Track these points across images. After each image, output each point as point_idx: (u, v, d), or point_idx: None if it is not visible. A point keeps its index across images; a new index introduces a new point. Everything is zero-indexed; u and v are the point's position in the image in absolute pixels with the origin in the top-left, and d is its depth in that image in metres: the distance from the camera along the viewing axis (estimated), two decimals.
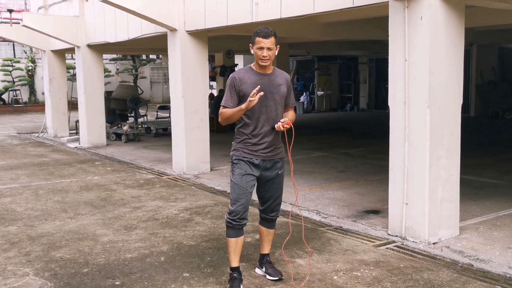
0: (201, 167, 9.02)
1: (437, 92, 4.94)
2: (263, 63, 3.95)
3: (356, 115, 21.11)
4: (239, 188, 3.95)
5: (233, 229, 3.99)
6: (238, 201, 3.95)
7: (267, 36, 3.90)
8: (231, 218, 3.96)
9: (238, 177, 3.97)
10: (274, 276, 4.23)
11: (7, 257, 4.87)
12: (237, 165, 4.00)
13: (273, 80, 4.05)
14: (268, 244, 4.33)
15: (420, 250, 4.89)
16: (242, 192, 3.95)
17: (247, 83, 3.94)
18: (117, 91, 14.70)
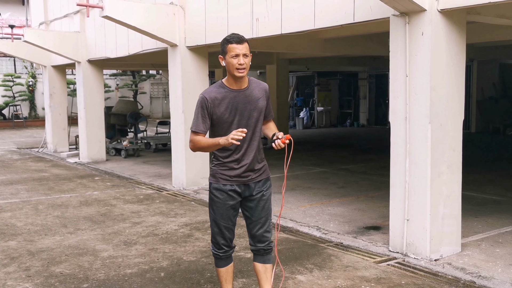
0: (200, 182, 9.00)
1: (438, 108, 4.95)
2: (240, 73, 3.43)
3: (356, 131, 21.13)
4: (220, 225, 3.64)
5: (221, 259, 3.73)
6: (222, 235, 3.67)
7: (240, 41, 3.42)
8: (218, 251, 3.70)
9: (219, 213, 3.63)
10: None
11: (7, 272, 4.84)
12: (216, 199, 3.64)
13: (250, 95, 3.55)
14: (267, 283, 3.79)
15: (422, 267, 4.85)
16: (225, 226, 3.65)
17: (220, 104, 3.47)
18: (117, 107, 14.73)
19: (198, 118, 3.50)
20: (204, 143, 3.49)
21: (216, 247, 3.72)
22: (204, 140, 3.50)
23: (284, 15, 6.61)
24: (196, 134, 3.51)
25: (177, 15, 8.53)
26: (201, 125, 3.49)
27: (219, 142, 3.38)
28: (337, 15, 5.84)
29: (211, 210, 3.69)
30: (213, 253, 3.76)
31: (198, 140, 3.50)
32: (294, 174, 9.71)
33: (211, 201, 3.69)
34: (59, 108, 14.95)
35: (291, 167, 3.85)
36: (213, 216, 3.67)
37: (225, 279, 3.76)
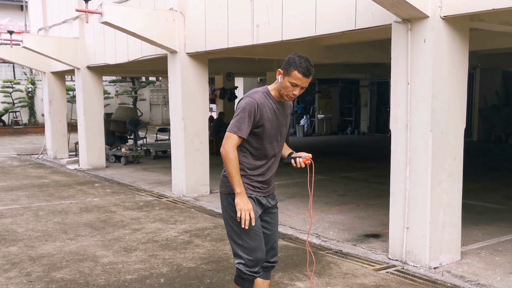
0: (200, 189, 9.00)
1: (440, 116, 4.95)
2: (288, 99, 3.30)
3: (357, 138, 21.15)
4: (255, 233, 3.31)
5: (250, 280, 3.38)
6: (258, 249, 3.32)
7: (308, 74, 3.21)
8: (252, 270, 3.32)
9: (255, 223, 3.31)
10: None
11: (8, 277, 4.84)
12: None
13: (285, 109, 3.42)
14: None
15: (421, 275, 4.85)
16: (258, 237, 3.33)
17: (266, 112, 3.28)
18: (117, 113, 14.75)
19: (244, 121, 3.21)
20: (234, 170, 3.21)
21: (252, 267, 3.32)
22: (237, 169, 3.23)
23: (285, 22, 6.61)
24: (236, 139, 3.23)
25: (177, 21, 8.55)
26: (245, 129, 3.22)
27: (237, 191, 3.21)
28: (338, 22, 5.83)
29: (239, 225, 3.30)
30: (243, 273, 3.33)
31: (234, 159, 3.22)
32: (294, 181, 9.71)
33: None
34: (59, 114, 14.96)
35: (290, 175, 3.86)
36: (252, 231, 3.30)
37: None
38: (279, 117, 3.36)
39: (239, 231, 3.31)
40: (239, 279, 3.38)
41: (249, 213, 3.19)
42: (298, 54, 3.26)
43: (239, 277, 3.38)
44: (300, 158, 3.40)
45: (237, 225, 3.30)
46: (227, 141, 3.23)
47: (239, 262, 3.34)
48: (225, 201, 3.40)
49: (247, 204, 3.20)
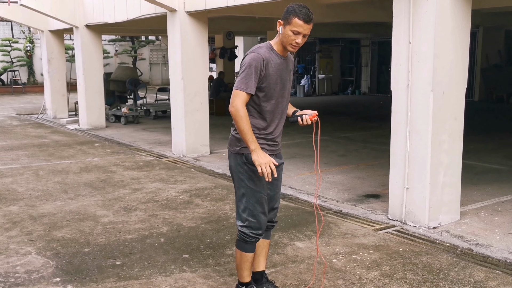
0: (200, 150, 9.00)
1: (441, 76, 4.89)
2: (292, 49, 3.22)
3: (358, 99, 21.05)
4: (261, 196, 3.26)
5: (253, 244, 3.35)
6: (263, 212, 3.29)
7: (308, 20, 3.15)
8: (256, 233, 3.28)
9: (261, 185, 3.26)
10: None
11: (9, 236, 4.88)
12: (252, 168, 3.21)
13: (288, 64, 3.36)
14: (265, 259, 3.61)
15: (420, 235, 4.89)
16: (264, 200, 3.30)
17: (271, 67, 3.20)
18: (116, 73, 14.62)
19: (251, 77, 3.13)
20: (246, 127, 3.09)
21: (256, 229, 3.29)
22: (249, 125, 3.11)
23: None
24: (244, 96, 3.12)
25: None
26: (253, 86, 3.13)
27: (252, 148, 3.09)
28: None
29: (251, 184, 3.25)
30: (247, 236, 3.29)
31: (244, 116, 3.10)
32: (294, 142, 9.70)
33: (250, 174, 3.24)
34: (58, 74, 14.84)
35: (290, 135, 3.82)
36: (252, 191, 3.26)
37: (250, 265, 3.42)
38: (283, 72, 3.29)
39: (245, 193, 3.27)
40: (242, 243, 3.34)
41: (269, 165, 3.07)
42: (296, 3, 3.20)
43: (242, 241, 3.33)
44: (306, 115, 3.32)
45: (244, 186, 3.27)
46: (235, 99, 3.12)
47: (243, 225, 3.30)
48: (233, 161, 3.32)
49: (265, 157, 3.09)
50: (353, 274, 3.99)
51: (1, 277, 3.94)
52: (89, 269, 4.08)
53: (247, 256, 3.35)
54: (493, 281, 3.85)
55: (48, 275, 3.98)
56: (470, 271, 4.05)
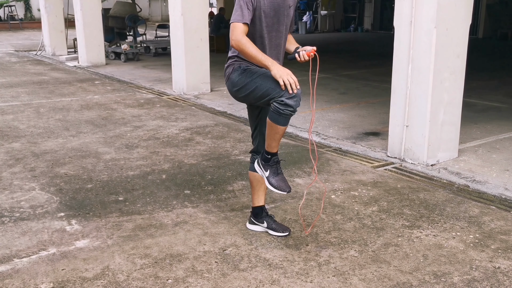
0: (201, 87, 8.97)
1: (445, 12, 4.79)
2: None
3: (360, 36, 20.72)
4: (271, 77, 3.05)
5: (285, 117, 3.10)
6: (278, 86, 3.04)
7: None
8: (294, 101, 3.04)
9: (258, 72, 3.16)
10: (281, 231, 3.60)
11: (13, 172, 4.95)
12: (252, 66, 3.20)
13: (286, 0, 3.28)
14: (264, 193, 3.65)
15: (418, 172, 4.95)
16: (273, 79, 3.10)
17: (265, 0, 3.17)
18: (115, 9, 14.33)
19: (244, 8, 3.09)
20: (253, 50, 3.03)
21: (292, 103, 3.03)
22: (253, 46, 3.04)
23: None
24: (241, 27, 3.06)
25: None
26: (247, 15, 3.07)
27: (268, 64, 2.99)
28: None
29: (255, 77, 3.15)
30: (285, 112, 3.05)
31: (247, 42, 3.04)
32: None
33: (248, 72, 3.19)
34: (55, 9, 14.56)
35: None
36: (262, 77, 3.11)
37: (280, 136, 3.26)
38: (279, 5, 3.22)
39: (262, 84, 3.11)
40: (275, 114, 3.08)
41: (290, 76, 2.98)
42: None
43: (275, 112, 3.07)
44: (303, 51, 3.24)
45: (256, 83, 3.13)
46: (233, 31, 3.08)
47: (281, 96, 3.03)
48: (232, 79, 3.26)
49: (283, 70, 3.00)
50: (351, 209, 4.08)
51: (6, 211, 4.04)
52: (92, 205, 4.17)
53: (280, 129, 3.16)
54: (487, 216, 3.94)
55: (53, 210, 4.07)
56: (466, 206, 4.13)
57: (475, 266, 3.19)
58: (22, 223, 3.83)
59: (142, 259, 3.28)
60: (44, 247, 3.45)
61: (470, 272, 3.13)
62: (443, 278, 3.06)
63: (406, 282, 3.02)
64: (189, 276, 3.08)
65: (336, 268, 3.18)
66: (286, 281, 3.02)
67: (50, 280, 3.04)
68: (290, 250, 3.40)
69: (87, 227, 3.76)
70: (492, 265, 3.21)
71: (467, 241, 3.54)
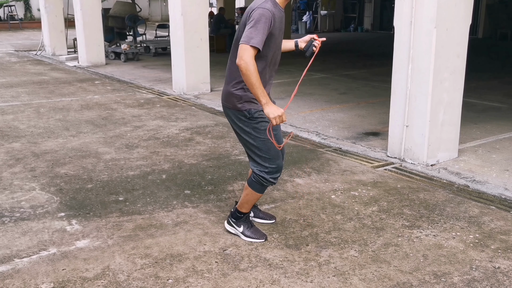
0: (201, 87, 8.97)
1: (445, 12, 4.79)
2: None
3: (360, 36, 20.73)
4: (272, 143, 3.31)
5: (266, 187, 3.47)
6: (278, 156, 3.39)
7: None
8: (275, 176, 3.39)
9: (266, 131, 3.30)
10: (267, 219, 3.85)
11: (13, 172, 4.95)
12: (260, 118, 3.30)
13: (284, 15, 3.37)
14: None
15: (418, 172, 4.95)
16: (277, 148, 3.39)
17: (276, 23, 3.21)
18: (115, 9, 14.33)
19: (261, 32, 3.08)
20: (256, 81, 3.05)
21: (275, 173, 3.39)
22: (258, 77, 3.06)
23: None
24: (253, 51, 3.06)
25: None
26: (261, 40, 3.08)
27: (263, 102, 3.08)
28: None
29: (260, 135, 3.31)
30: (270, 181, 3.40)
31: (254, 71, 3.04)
32: (295, 79, 9.65)
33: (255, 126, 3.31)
34: (55, 9, 14.57)
35: (291, 73, 3.80)
36: (263, 141, 3.32)
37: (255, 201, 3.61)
38: (282, 24, 3.31)
39: (258, 145, 3.33)
40: (257, 185, 3.42)
41: (282, 117, 3.11)
42: None
43: (258, 183, 3.41)
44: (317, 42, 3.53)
45: (254, 139, 3.32)
46: (244, 53, 3.05)
47: (263, 171, 3.37)
48: (234, 117, 3.37)
49: (277, 110, 3.10)
50: (351, 209, 4.08)
51: (6, 212, 4.04)
52: (92, 205, 4.18)
53: (258, 196, 3.52)
54: (487, 216, 3.94)
55: (53, 210, 4.07)
56: (466, 206, 4.14)
57: (475, 266, 3.20)
58: (23, 223, 3.83)
59: (143, 259, 3.29)
60: (44, 247, 3.45)
61: (470, 272, 3.14)
62: (443, 278, 3.07)
63: (406, 282, 3.02)
64: (190, 276, 3.08)
65: (336, 268, 3.18)
66: (286, 281, 3.03)
67: (51, 280, 3.04)
68: (290, 250, 3.40)
69: (88, 227, 3.76)
70: (492, 265, 3.22)
71: (467, 241, 3.54)
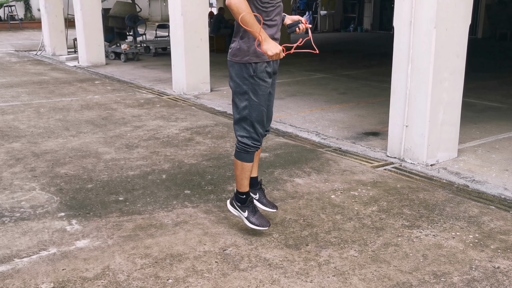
0: (201, 87, 8.97)
1: (445, 12, 4.80)
2: None
3: (360, 36, 20.73)
4: (263, 110, 3.37)
5: (252, 154, 3.46)
6: (262, 125, 3.42)
7: None
8: (256, 143, 3.41)
9: (263, 98, 3.36)
10: (270, 207, 3.78)
11: (13, 172, 4.95)
12: (262, 82, 3.32)
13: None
14: (257, 165, 3.78)
15: (418, 172, 4.96)
16: (264, 112, 3.40)
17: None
18: (115, 9, 14.34)
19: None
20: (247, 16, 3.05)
21: (256, 140, 3.41)
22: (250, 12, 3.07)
23: None
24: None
25: None
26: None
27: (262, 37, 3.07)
28: None
29: (255, 97, 3.32)
30: (247, 146, 3.40)
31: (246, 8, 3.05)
32: (295, 80, 9.65)
33: (255, 88, 3.32)
34: (55, 9, 14.57)
35: (291, 73, 3.80)
36: (256, 104, 3.33)
37: (250, 173, 3.53)
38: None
39: (248, 105, 3.35)
40: (242, 153, 3.44)
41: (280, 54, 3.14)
42: None
43: (242, 152, 3.44)
44: (301, 24, 3.45)
45: (247, 99, 3.34)
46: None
47: (244, 136, 3.42)
48: (237, 71, 3.33)
49: (276, 47, 3.13)
50: (351, 209, 4.08)
51: (7, 211, 4.04)
52: (92, 205, 4.18)
53: (248, 166, 3.48)
54: (487, 216, 3.95)
55: (53, 210, 4.08)
56: (465, 206, 4.14)
57: (474, 266, 3.20)
58: (23, 223, 3.84)
59: (143, 259, 3.29)
60: (44, 247, 3.46)
61: (470, 272, 3.14)
62: (442, 278, 3.07)
63: (406, 282, 3.02)
64: (190, 276, 3.09)
65: (336, 268, 3.18)
66: (286, 281, 3.03)
67: (51, 280, 3.05)
68: (290, 250, 3.41)
69: (88, 227, 3.77)
70: (492, 265, 3.22)
71: (466, 241, 3.55)
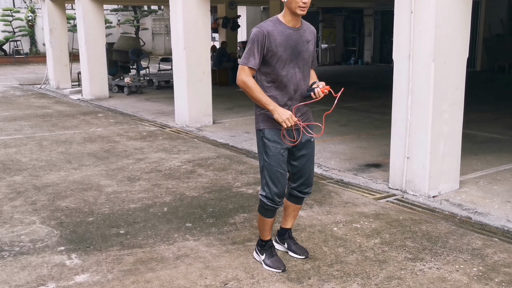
0: (203, 120, 9.03)
1: (443, 45, 4.87)
2: (302, 12, 3.25)
3: (360, 68, 20.92)
4: (276, 171, 3.40)
5: (271, 211, 3.53)
6: (279, 183, 3.43)
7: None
8: (271, 203, 3.46)
9: (274, 157, 3.39)
10: (299, 254, 3.77)
11: (14, 206, 4.95)
12: (271, 142, 3.38)
13: (303, 35, 3.38)
14: (293, 219, 3.84)
15: (420, 203, 4.94)
16: (281, 173, 3.42)
17: (276, 40, 3.27)
18: (119, 43, 14.55)
19: (253, 52, 3.27)
20: (256, 93, 3.29)
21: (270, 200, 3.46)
22: (259, 91, 3.29)
23: None
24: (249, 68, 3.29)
25: None
26: (252, 60, 3.27)
27: (270, 109, 3.27)
28: None
29: (267, 158, 3.41)
30: (268, 205, 3.47)
31: (252, 85, 3.28)
32: None
33: (266, 149, 3.41)
34: (60, 44, 14.78)
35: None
36: (268, 165, 3.41)
37: (270, 227, 3.64)
38: (295, 42, 3.34)
39: (264, 166, 3.45)
40: (261, 208, 3.57)
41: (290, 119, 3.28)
42: None
43: (261, 207, 3.56)
44: (318, 88, 3.39)
45: (262, 160, 3.46)
46: (240, 72, 3.32)
47: (262, 194, 3.52)
48: (257, 137, 3.54)
49: (284, 114, 3.28)
50: (354, 242, 4.06)
51: (6, 246, 4.03)
52: (93, 238, 4.16)
53: (267, 221, 3.60)
54: (491, 249, 3.91)
55: (53, 244, 4.06)
56: (468, 238, 4.11)
57: None
58: (22, 257, 3.81)
59: None
60: (43, 282, 3.43)
61: None
62: None
63: None
64: None
65: None
66: None
67: None
68: (292, 284, 3.37)
69: (87, 261, 3.74)
70: None
71: (470, 274, 3.51)
